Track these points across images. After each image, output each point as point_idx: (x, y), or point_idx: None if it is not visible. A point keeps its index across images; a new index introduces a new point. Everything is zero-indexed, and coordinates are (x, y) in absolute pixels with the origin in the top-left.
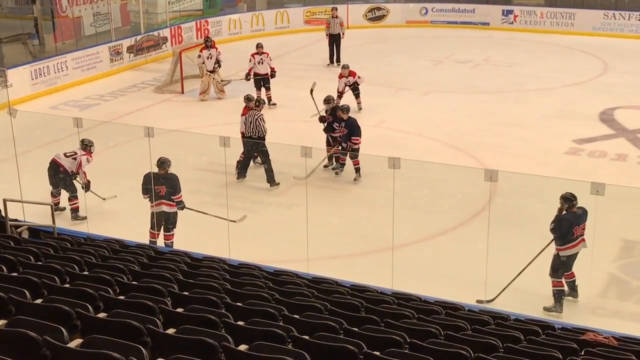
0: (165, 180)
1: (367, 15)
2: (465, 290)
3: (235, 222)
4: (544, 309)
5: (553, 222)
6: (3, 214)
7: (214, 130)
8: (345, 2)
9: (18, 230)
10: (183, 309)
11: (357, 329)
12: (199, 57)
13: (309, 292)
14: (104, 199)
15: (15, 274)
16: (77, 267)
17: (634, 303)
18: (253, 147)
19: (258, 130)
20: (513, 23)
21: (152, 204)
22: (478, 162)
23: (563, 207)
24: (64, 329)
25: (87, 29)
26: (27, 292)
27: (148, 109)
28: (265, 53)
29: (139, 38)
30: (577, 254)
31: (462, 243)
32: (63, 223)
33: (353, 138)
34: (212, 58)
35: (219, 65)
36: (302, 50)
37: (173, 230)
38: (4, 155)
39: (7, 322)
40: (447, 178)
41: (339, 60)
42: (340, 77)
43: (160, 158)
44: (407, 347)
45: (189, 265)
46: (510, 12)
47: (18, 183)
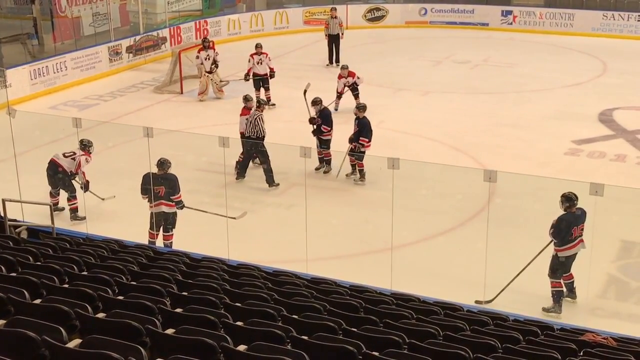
0: (165, 181)
1: (366, 16)
2: (464, 291)
3: (236, 218)
4: (543, 310)
5: (552, 227)
6: (2, 214)
7: (213, 131)
8: (345, 2)
9: (17, 231)
10: (182, 309)
11: (356, 330)
12: (197, 57)
13: (308, 292)
14: (103, 199)
15: (14, 274)
16: (76, 267)
17: (633, 304)
18: (252, 147)
19: (256, 131)
20: (512, 23)
21: (151, 205)
22: (477, 162)
23: (563, 206)
24: (63, 329)
25: (86, 29)
26: (26, 292)
27: (147, 109)
28: (265, 53)
29: (138, 38)
30: (575, 255)
31: (461, 243)
32: (62, 223)
33: (361, 139)
34: (209, 59)
35: (216, 67)
36: (301, 51)
37: (172, 231)
38: (3, 156)
39: (6, 322)
40: (446, 178)
41: (338, 61)
42: (340, 77)
43: (160, 159)
44: (406, 347)
45: (188, 266)
46: (510, 12)
47: (17, 183)
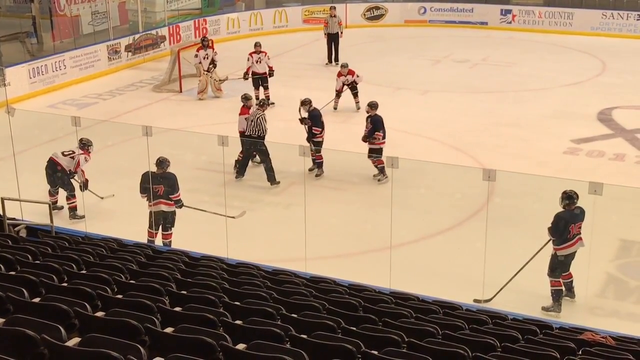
0: (164, 180)
1: (365, 15)
2: (463, 290)
3: (235, 217)
4: (543, 309)
5: (551, 224)
6: (1, 213)
7: (213, 129)
8: (344, 1)
9: (16, 229)
10: (181, 308)
11: (355, 328)
12: (196, 56)
13: (307, 291)
14: (102, 198)
15: (13, 273)
16: (75, 266)
17: (632, 303)
18: (252, 146)
19: (259, 129)
20: (511, 23)
21: (150, 203)
22: (476, 161)
23: (562, 203)
24: (62, 328)
25: (85, 28)
26: (25, 290)
27: (146, 108)
28: (264, 52)
29: (137, 37)
30: (574, 254)
31: (460, 243)
32: (61, 222)
33: (377, 133)
34: (208, 58)
35: (214, 66)
36: (300, 50)
37: (171, 230)
38: (2, 154)
39: (5, 320)
40: (445, 178)
41: (338, 60)
42: (339, 75)
43: (160, 158)
44: (405, 346)
45: (187, 265)
46: (509, 11)
47: (16, 182)
